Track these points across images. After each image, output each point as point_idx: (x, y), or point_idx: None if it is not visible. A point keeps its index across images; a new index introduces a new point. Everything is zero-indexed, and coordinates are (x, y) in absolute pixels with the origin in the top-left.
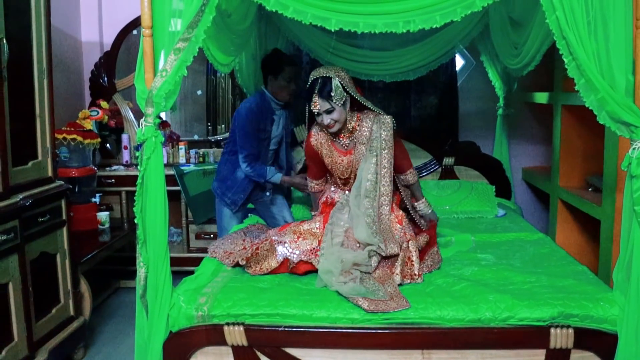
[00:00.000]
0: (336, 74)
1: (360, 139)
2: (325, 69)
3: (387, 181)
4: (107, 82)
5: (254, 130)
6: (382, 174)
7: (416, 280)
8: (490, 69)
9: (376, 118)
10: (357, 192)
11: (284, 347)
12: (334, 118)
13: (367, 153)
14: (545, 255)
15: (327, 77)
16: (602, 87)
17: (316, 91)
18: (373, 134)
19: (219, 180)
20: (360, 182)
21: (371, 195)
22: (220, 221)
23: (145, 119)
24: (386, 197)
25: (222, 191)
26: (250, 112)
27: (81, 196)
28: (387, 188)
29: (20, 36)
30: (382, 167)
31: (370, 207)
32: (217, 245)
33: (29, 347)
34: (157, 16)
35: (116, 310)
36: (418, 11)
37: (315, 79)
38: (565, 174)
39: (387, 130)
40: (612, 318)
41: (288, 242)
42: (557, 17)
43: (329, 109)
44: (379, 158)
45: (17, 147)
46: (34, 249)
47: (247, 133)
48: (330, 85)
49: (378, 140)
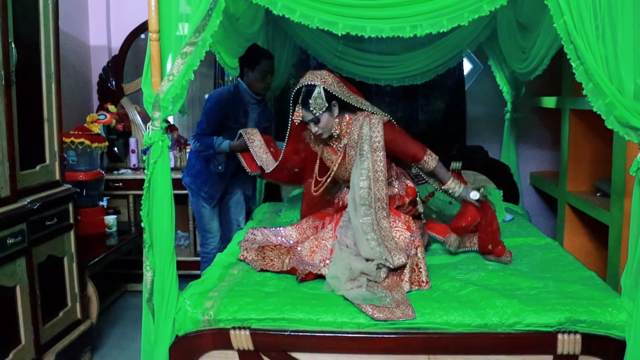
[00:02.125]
0: (322, 80)
1: (350, 142)
2: (311, 75)
3: (382, 185)
4: (114, 86)
5: (218, 116)
6: (376, 179)
7: (424, 287)
8: (497, 73)
9: (365, 119)
10: (353, 201)
11: (290, 352)
12: (322, 126)
13: (357, 157)
14: (552, 260)
15: (311, 85)
16: (610, 92)
17: (300, 101)
18: (362, 136)
19: (192, 176)
20: (354, 190)
21: (367, 202)
22: (200, 222)
23: (152, 123)
24: (382, 202)
25: (197, 186)
26: (220, 97)
27: (89, 200)
28: (382, 192)
29: (28, 40)
30: (374, 171)
31: (368, 214)
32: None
33: (36, 350)
34: (165, 20)
35: (123, 313)
36: (425, 15)
37: (299, 88)
38: (573, 179)
39: (377, 131)
40: (620, 324)
41: (304, 256)
42: (565, 21)
43: (313, 119)
44: (369, 162)
45: (25, 151)
46: (41, 252)
47: (208, 116)
48: (311, 94)
49: (367, 143)
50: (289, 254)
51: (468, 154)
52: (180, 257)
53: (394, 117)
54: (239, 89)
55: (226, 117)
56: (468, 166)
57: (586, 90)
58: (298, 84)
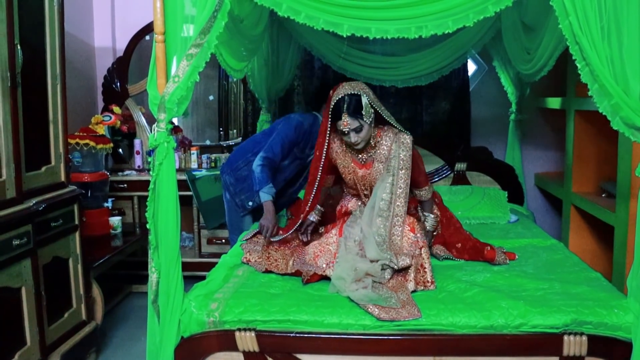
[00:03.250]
0: (363, 91)
1: (378, 156)
2: (351, 86)
3: (402, 202)
4: (119, 88)
5: (291, 143)
6: (398, 194)
7: (429, 287)
8: (502, 74)
9: (396, 137)
10: (371, 210)
11: (296, 353)
12: (362, 136)
13: (384, 172)
14: (558, 261)
15: (355, 94)
16: (615, 93)
17: (344, 110)
18: (392, 153)
19: (237, 179)
20: (375, 200)
21: (384, 215)
22: (238, 223)
23: (158, 125)
24: (399, 218)
25: (235, 190)
26: (300, 125)
27: (93, 201)
28: (401, 209)
29: (34, 42)
30: (397, 187)
31: (383, 226)
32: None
33: (42, 351)
34: (170, 22)
35: (128, 315)
36: (430, 16)
37: (342, 97)
38: (579, 180)
39: (406, 151)
40: (627, 325)
41: (307, 260)
42: (571, 22)
43: (358, 128)
44: (395, 178)
45: (31, 152)
46: (46, 253)
47: (284, 141)
48: (359, 103)
49: (396, 160)
50: (293, 255)
51: (473, 155)
52: (185, 259)
53: (399, 117)
54: (316, 122)
55: (297, 146)
56: (473, 167)
57: (592, 91)
58: (335, 95)
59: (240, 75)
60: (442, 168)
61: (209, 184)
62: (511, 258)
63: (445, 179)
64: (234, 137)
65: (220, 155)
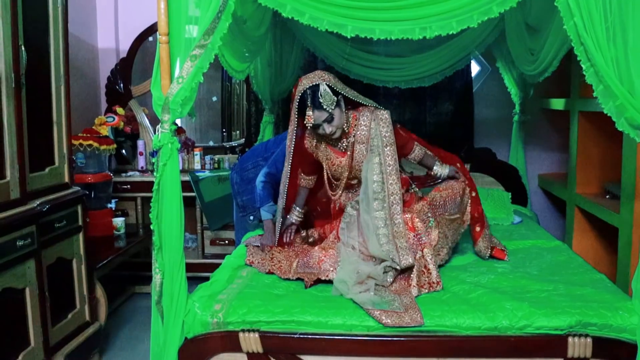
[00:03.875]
0: (321, 79)
1: (358, 138)
2: (307, 78)
3: (395, 179)
4: (123, 89)
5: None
6: (388, 172)
7: (435, 288)
8: (506, 75)
9: (373, 115)
10: (365, 196)
11: (300, 354)
12: (336, 124)
13: (369, 153)
14: (562, 263)
15: (314, 85)
16: (621, 94)
17: (309, 104)
18: (372, 132)
19: (243, 179)
20: (367, 184)
21: (380, 197)
22: (245, 222)
23: (162, 126)
24: (396, 196)
25: (239, 189)
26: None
27: (97, 202)
28: (395, 186)
29: (38, 43)
30: (386, 165)
31: (381, 208)
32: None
33: (45, 352)
34: (174, 23)
35: (131, 316)
36: (434, 17)
37: (303, 92)
38: (583, 181)
39: (387, 126)
40: (632, 327)
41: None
42: (575, 22)
43: (328, 117)
44: (382, 157)
45: (35, 153)
46: (50, 254)
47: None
48: (320, 93)
49: (378, 138)
50: (297, 257)
51: (476, 156)
52: (188, 260)
53: (402, 119)
54: None
55: None
56: (476, 168)
57: (596, 92)
58: (297, 92)
59: (242, 77)
60: None
61: (212, 185)
62: (499, 257)
63: None
64: (237, 138)
65: (223, 156)
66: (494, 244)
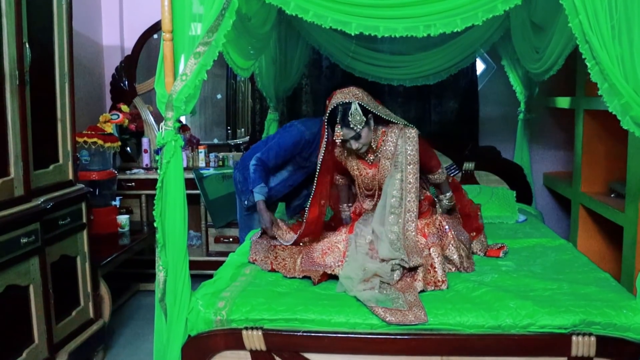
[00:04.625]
0: (354, 97)
1: (384, 153)
2: (342, 93)
3: (413, 197)
4: (127, 86)
5: (287, 152)
6: (408, 190)
7: (440, 286)
8: (511, 73)
9: (401, 132)
10: (382, 209)
11: (303, 352)
12: (362, 142)
13: (392, 169)
14: (566, 261)
15: (346, 102)
16: (626, 92)
17: (338, 121)
18: (398, 148)
19: (245, 178)
20: (386, 198)
21: (396, 212)
22: (249, 222)
23: (165, 123)
24: (412, 214)
25: (242, 188)
26: (301, 138)
27: (101, 199)
28: (412, 204)
29: (42, 40)
30: (407, 182)
31: (396, 223)
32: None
33: (49, 349)
34: (178, 20)
35: (135, 313)
36: (439, 15)
37: (335, 107)
38: (587, 180)
39: (413, 145)
40: (636, 326)
41: (315, 258)
42: (580, 21)
43: (356, 135)
44: (404, 174)
45: (39, 151)
46: (54, 251)
47: (280, 152)
48: (350, 112)
49: (403, 156)
50: (300, 253)
51: (481, 155)
52: (192, 257)
53: (407, 117)
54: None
55: (297, 155)
56: (481, 166)
57: (601, 91)
58: (329, 105)
59: (247, 74)
60: (450, 167)
61: (217, 183)
62: (495, 254)
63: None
64: (242, 135)
65: (228, 154)
66: (489, 247)
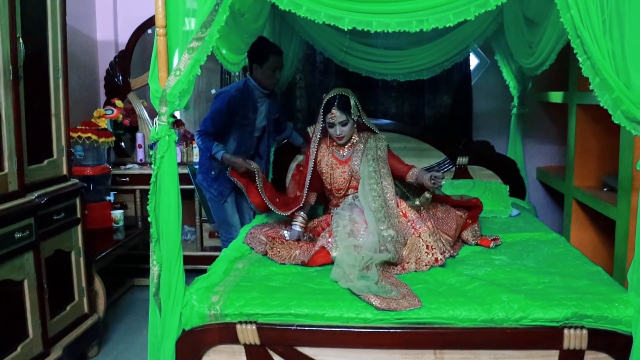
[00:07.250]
0: (352, 95)
1: (356, 152)
2: (342, 89)
3: (387, 169)
4: (121, 81)
5: (225, 117)
6: (382, 165)
7: (440, 262)
8: (504, 68)
9: (373, 135)
10: (362, 187)
11: (297, 346)
12: (346, 131)
13: (363, 157)
14: (559, 255)
15: (345, 95)
16: (617, 86)
17: (334, 104)
18: (368, 145)
19: (203, 173)
20: (363, 178)
21: (374, 177)
22: (223, 216)
23: (159, 118)
24: (388, 178)
25: (208, 184)
26: (229, 97)
27: (96, 194)
28: (386, 171)
29: (36, 35)
30: (380, 159)
31: (375, 183)
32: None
33: (44, 344)
34: (171, 15)
35: (130, 308)
36: (431, 10)
37: (333, 96)
38: (580, 174)
39: (382, 143)
40: (627, 319)
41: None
42: (572, 15)
43: (344, 121)
44: (375, 157)
45: (33, 146)
46: (49, 246)
47: (214, 116)
48: (348, 102)
49: (374, 150)
50: (300, 248)
51: (474, 149)
52: (187, 252)
53: (401, 111)
54: (247, 85)
55: (235, 115)
56: (474, 161)
57: (593, 85)
58: (329, 94)
59: (237, 69)
60: (443, 162)
61: None
62: (485, 244)
63: (446, 173)
64: None
65: None
66: (482, 237)
